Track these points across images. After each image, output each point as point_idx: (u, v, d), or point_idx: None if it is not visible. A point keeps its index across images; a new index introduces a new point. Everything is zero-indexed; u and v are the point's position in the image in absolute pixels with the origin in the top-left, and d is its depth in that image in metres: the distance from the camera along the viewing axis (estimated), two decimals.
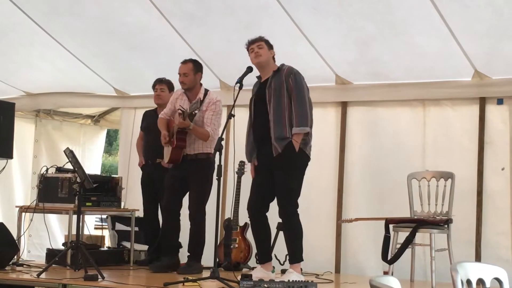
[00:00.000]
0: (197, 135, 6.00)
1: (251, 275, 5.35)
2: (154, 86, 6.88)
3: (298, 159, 5.42)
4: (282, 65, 5.60)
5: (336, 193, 6.94)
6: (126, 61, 7.48)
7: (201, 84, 6.17)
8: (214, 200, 5.28)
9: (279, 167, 5.41)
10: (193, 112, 5.82)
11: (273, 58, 5.63)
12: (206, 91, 6.16)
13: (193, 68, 6.10)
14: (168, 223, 6.23)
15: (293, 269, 5.40)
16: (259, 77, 5.67)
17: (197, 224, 6.03)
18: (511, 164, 6.23)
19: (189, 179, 6.08)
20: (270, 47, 5.60)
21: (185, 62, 6.13)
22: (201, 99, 5.96)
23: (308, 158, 5.50)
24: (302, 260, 5.49)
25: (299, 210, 5.48)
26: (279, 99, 5.43)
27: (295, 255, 5.47)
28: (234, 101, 5.39)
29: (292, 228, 5.48)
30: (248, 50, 5.60)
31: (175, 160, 6.09)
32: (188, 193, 6.16)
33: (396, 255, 5.66)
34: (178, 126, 5.96)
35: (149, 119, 6.93)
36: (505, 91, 6.30)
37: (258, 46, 5.54)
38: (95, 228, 8.64)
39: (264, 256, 5.68)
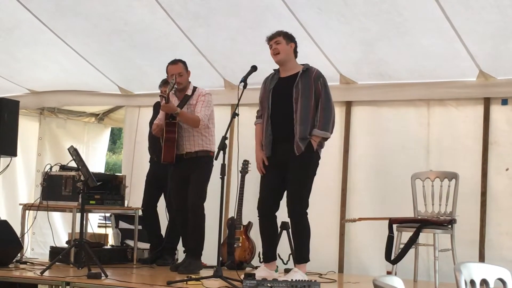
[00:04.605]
0: (187, 121, 5.95)
1: (254, 274, 5.35)
2: (160, 87, 6.86)
3: (315, 159, 5.45)
4: (308, 65, 5.52)
5: (340, 193, 6.94)
6: (130, 60, 7.48)
7: (189, 82, 6.18)
8: (218, 199, 5.28)
9: (297, 166, 5.38)
10: (172, 88, 5.81)
11: (295, 51, 5.54)
12: (195, 87, 6.15)
13: (184, 67, 6.10)
14: (184, 228, 6.17)
15: (299, 268, 5.38)
16: (277, 71, 5.60)
17: (197, 220, 6.00)
18: None
19: (189, 176, 6.04)
20: (290, 39, 5.50)
21: (175, 62, 6.09)
22: (189, 94, 5.94)
23: (319, 159, 5.52)
24: (309, 260, 5.47)
25: None
26: (307, 100, 5.38)
27: (302, 255, 5.45)
28: (238, 100, 5.39)
29: (302, 228, 5.46)
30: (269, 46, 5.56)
31: (169, 158, 6.03)
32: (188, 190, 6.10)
33: (400, 255, 5.66)
34: (161, 110, 5.91)
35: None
36: (510, 92, 6.29)
37: (276, 42, 5.48)
38: (99, 226, 8.66)
39: (270, 255, 5.64)
